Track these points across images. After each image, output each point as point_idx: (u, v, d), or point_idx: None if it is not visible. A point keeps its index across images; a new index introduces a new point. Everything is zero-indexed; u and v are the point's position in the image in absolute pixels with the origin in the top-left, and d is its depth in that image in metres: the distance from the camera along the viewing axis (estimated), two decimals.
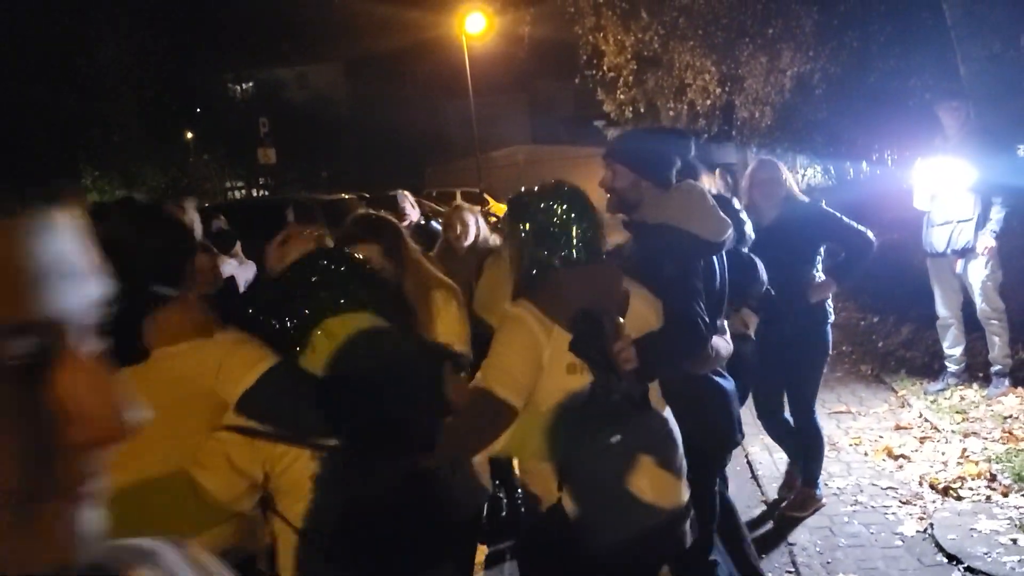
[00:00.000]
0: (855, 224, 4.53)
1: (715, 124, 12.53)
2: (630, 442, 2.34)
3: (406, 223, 4.73)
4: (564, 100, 42.43)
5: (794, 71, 10.84)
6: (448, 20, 24.22)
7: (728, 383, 3.14)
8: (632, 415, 2.35)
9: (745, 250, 3.64)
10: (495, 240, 4.66)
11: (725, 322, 3.19)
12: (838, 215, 4.52)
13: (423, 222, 6.01)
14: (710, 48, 11.20)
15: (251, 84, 34.47)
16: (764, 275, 3.66)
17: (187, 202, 4.97)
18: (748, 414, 6.36)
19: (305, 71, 38.64)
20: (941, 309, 6.24)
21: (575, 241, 2.32)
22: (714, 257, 2.99)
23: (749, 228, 3.72)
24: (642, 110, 13.26)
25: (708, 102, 11.60)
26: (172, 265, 2.01)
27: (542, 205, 2.38)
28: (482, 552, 4.31)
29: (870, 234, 4.51)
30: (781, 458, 5.47)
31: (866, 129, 12.07)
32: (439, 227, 5.16)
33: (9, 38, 13.70)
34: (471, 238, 4.64)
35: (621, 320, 2.30)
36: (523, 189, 2.50)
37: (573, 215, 2.35)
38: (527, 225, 2.38)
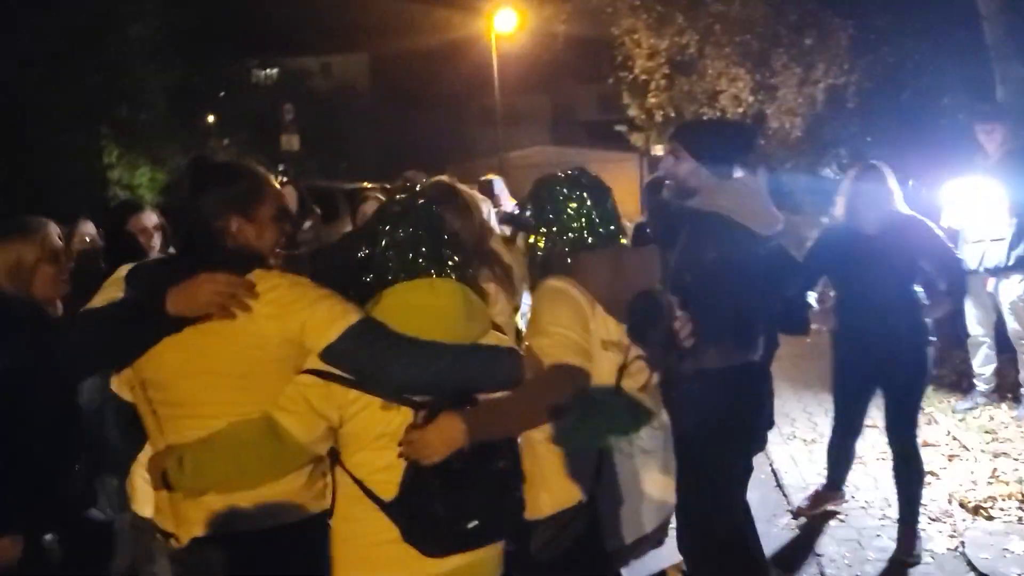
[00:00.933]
0: (950, 246, 4.28)
1: None
2: (647, 439, 2.42)
3: (497, 209, 4.64)
4: (586, 104, 42.40)
5: (827, 83, 10.76)
6: (475, 18, 24.22)
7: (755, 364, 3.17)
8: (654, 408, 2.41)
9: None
10: (503, 230, 4.77)
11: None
12: (938, 234, 4.20)
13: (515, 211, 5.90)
14: (744, 56, 11.14)
15: (275, 71, 34.46)
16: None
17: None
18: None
19: (330, 61, 38.64)
20: (973, 327, 6.19)
21: (603, 222, 2.40)
22: (761, 252, 3.01)
23: None
24: (672, 114, 13.16)
25: (740, 110, 11.53)
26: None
27: (569, 189, 2.45)
28: None
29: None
30: (808, 468, 5.43)
31: (895, 146, 11.98)
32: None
33: (43, 13, 13.76)
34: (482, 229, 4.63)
35: (679, 299, 2.35)
36: (548, 175, 2.56)
37: (599, 198, 2.43)
38: (548, 207, 2.45)
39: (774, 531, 4.64)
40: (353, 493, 2.06)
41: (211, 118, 26.85)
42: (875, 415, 6.43)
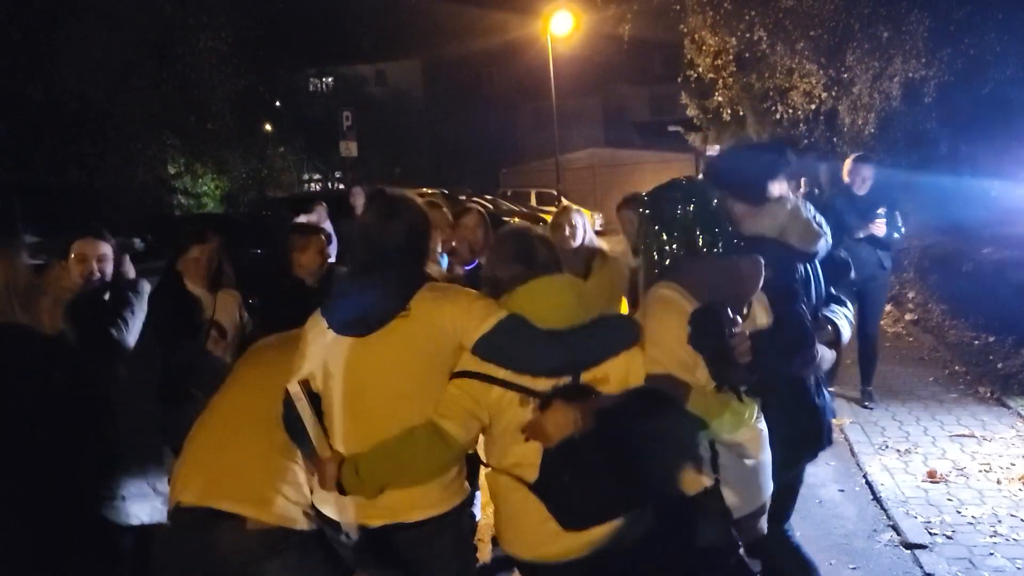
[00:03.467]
0: None
1: (817, 129, 12.12)
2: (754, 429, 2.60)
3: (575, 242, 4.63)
4: (638, 105, 42.15)
5: (903, 78, 10.38)
6: (529, 21, 24.15)
7: (823, 400, 3.13)
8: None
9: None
10: (601, 243, 4.79)
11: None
12: None
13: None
14: (816, 51, 10.81)
15: (331, 79, 34.89)
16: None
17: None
18: (860, 432, 6.10)
19: (384, 68, 39.01)
20: None
21: (710, 230, 2.53)
22: (809, 267, 3.07)
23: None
24: (740, 112, 12.87)
25: (811, 107, 11.19)
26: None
27: (676, 196, 2.58)
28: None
29: None
30: (904, 480, 5.17)
31: (973, 141, 11.55)
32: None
33: (116, 24, 14.08)
34: (579, 239, 4.61)
35: (737, 316, 2.45)
36: (663, 184, 2.70)
37: (706, 206, 2.57)
38: (664, 215, 2.58)
39: (876, 548, 4.40)
40: (506, 481, 2.37)
41: (268, 126, 27.23)
42: (970, 423, 6.18)
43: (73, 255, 3.42)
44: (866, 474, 5.32)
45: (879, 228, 6.04)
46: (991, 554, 4.17)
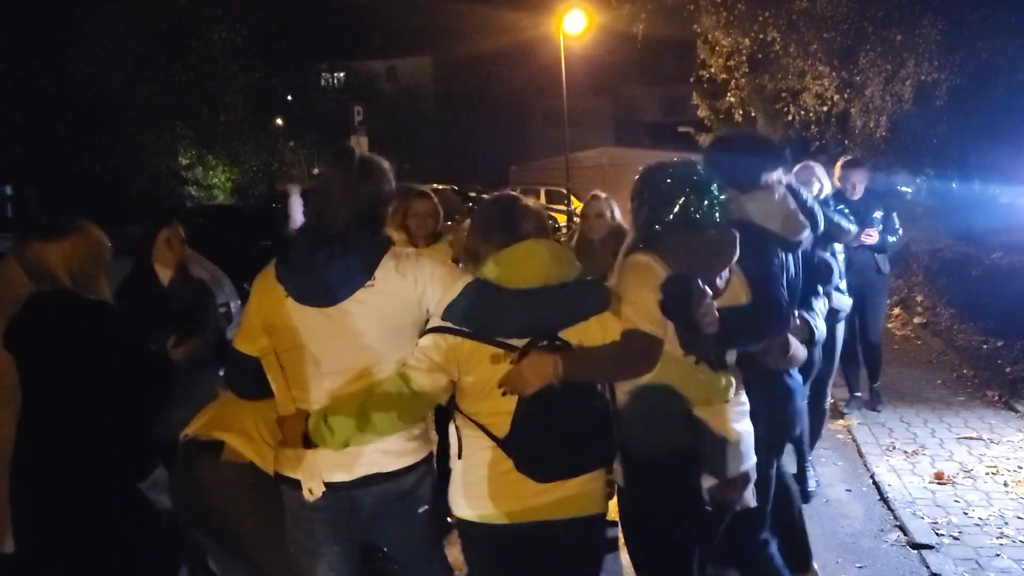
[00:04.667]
0: None
1: (828, 132, 12.10)
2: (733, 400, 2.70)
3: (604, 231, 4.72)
4: (648, 105, 42.08)
5: (916, 81, 10.36)
6: (541, 20, 24.13)
7: (795, 380, 3.29)
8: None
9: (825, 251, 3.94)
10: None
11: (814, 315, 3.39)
12: None
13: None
14: (829, 53, 10.79)
15: (342, 74, 34.92)
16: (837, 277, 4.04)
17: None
18: (868, 433, 6.11)
19: (395, 65, 39.01)
20: None
21: (694, 206, 2.57)
22: (789, 257, 3.19)
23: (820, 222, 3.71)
24: (752, 114, 12.85)
25: (824, 108, 11.17)
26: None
27: (667, 173, 2.64)
28: None
29: None
30: (911, 481, 5.19)
31: (983, 145, 11.51)
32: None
33: (131, 15, 14.14)
34: (607, 228, 4.62)
35: (707, 288, 2.52)
36: (656, 163, 2.76)
37: (693, 184, 2.60)
38: (652, 189, 2.64)
39: (883, 548, 4.42)
40: (474, 435, 2.42)
41: (279, 121, 27.27)
42: (978, 425, 6.18)
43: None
44: (873, 475, 5.33)
45: (871, 237, 5.89)
46: (997, 555, 4.19)
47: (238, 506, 2.71)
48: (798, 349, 3.19)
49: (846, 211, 5.54)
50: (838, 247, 4.97)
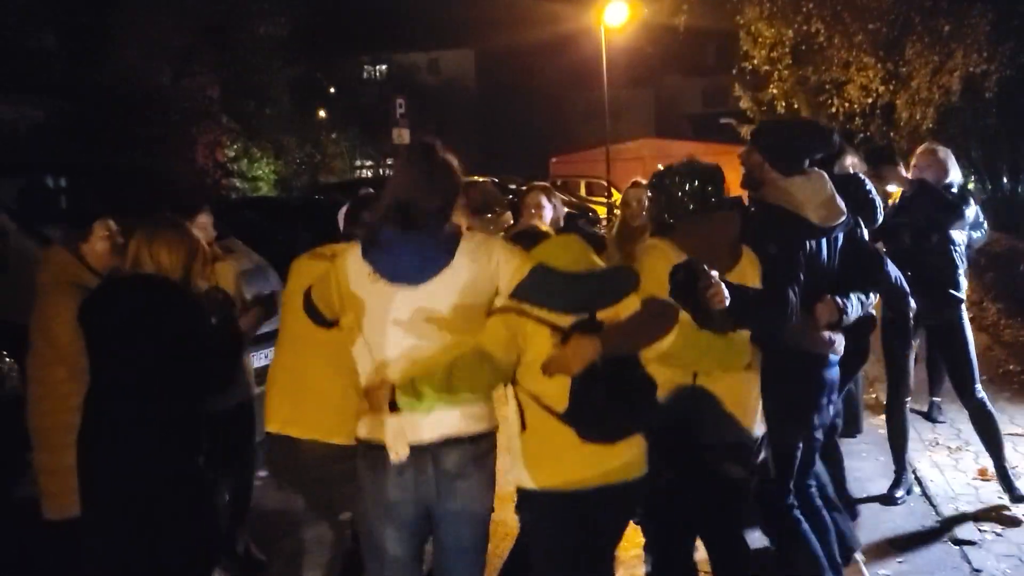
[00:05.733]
0: None
1: (873, 124, 11.93)
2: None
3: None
4: (690, 96, 41.74)
5: (964, 72, 10.17)
6: (582, 11, 24.03)
7: (830, 371, 3.40)
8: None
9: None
10: None
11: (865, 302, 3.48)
12: None
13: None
14: (874, 44, 10.63)
15: (385, 67, 35.17)
16: (891, 268, 4.05)
17: None
18: (912, 429, 6.04)
19: (437, 57, 39.17)
20: None
21: (694, 197, 2.96)
22: (823, 244, 3.32)
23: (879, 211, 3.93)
24: (794, 105, 12.71)
25: (868, 100, 11.02)
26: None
27: (674, 170, 3.03)
28: None
29: None
30: (954, 477, 5.15)
31: None
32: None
33: (179, 11, 14.42)
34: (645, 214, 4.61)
35: (713, 271, 2.75)
36: (668, 166, 3.11)
37: (697, 179, 2.97)
38: (663, 184, 3.03)
39: (924, 543, 4.40)
40: (537, 411, 2.67)
41: (323, 113, 27.54)
42: (1022, 422, 6.09)
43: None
44: (915, 470, 5.30)
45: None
46: None
47: (332, 476, 3.04)
48: (836, 335, 3.31)
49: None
50: (958, 237, 4.76)
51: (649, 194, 3.20)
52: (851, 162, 4.29)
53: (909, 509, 4.82)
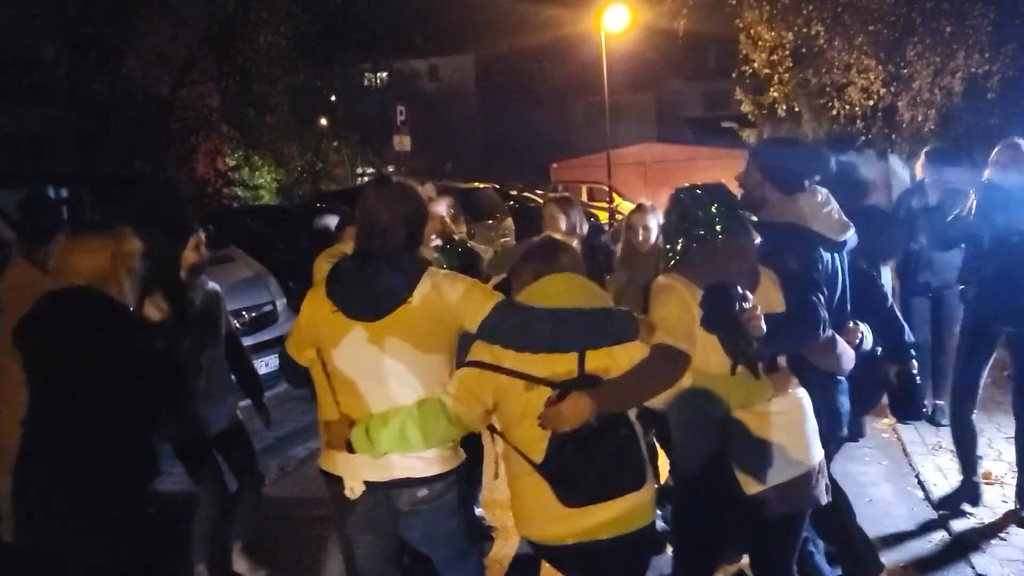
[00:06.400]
0: None
1: (874, 127, 11.89)
2: (777, 403, 2.76)
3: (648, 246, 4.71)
4: (691, 101, 41.70)
5: (966, 73, 10.13)
6: (582, 16, 24.04)
7: (840, 382, 3.30)
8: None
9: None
10: None
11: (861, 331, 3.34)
12: None
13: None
14: (875, 46, 10.60)
15: (385, 74, 35.23)
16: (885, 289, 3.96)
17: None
18: (914, 432, 6.01)
19: (437, 63, 39.23)
20: None
21: (709, 224, 2.77)
22: (837, 261, 3.24)
23: None
24: (795, 108, 12.68)
25: (870, 103, 10.98)
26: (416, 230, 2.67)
27: (685, 197, 2.86)
28: None
29: None
30: (957, 481, 5.09)
31: None
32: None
33: (180, 20, 14.45)
34: (653, 239, 4.45)
35: (748, 292, 2.62)
36: (682, 187, 2.94)
37: (710, 204, 2.80)
38: (675, 213, 2.86)
39: (928, 547, 4.37)
40: (516, 459, 2.58)
41: (324, 121, 27.57)
42: None
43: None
44: (918, 474, 5.26)
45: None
46: None
47: None
48: (845, 351, 3.19)
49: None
50: None
51: (662, 219, 3.07)
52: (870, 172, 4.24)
53: (912, 513, 4.79)
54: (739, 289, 2.58)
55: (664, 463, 4.20)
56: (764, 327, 2.59)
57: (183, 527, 3.93)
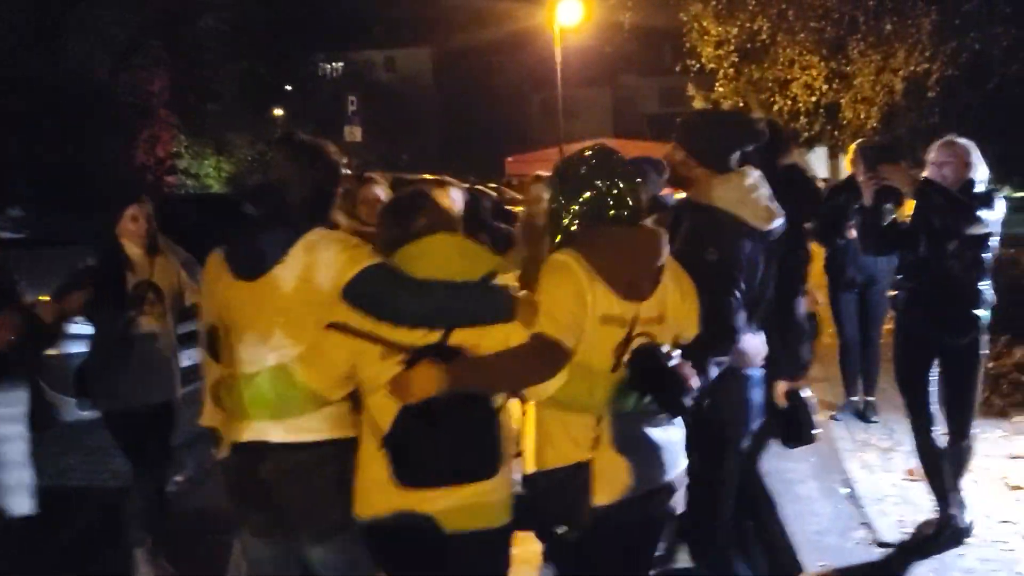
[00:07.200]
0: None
1: (818, 123, 11.97)
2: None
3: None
4: (648, 96, 41.91)
5: (907, 72, 10.24)
6: (539, 10, 23.96)
7: (754, 370, 3.09)
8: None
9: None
10: None
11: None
12: None
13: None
14: (819, 43, 10.66)
15: (341, 64, 34.84)
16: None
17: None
18: (843, 429, 6.02)
19: (394, 55, 38.91)
20: None
21: (604, 198, 2.42)
22: (758, 248, 2.93)
23: None
24: (740, 104, 12.71)
25: (813, 99, 11.03)
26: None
27: (580, 165, 2.47)
28: None
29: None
30: (882, 478, 5.10)
31: (976, 138, 11.38)
32: None
33: (120, 3, 14.04)
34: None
35: (670, 349, 2.42)
36: (574, 154, 2.58)
37: (607, 176, 2.43)
38: (562, 180, 2.50)
39: (847, 547, 4.33)
40: (367, 432, 2.40)
41: (278, 111, 27.19)
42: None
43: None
44: (845, 471, 5.25)
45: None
46: (962, 555, 4.09)
47: None
48: (750, 344, 3.02)
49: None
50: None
51: (552, 189, 2.61)
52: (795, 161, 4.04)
53: (836, 511, 4.76)
54: (659, 348, 2.39)
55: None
56: (695, 382, 2.41)
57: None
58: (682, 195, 3.28)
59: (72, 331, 4.33)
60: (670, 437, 2.54)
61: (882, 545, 4.29)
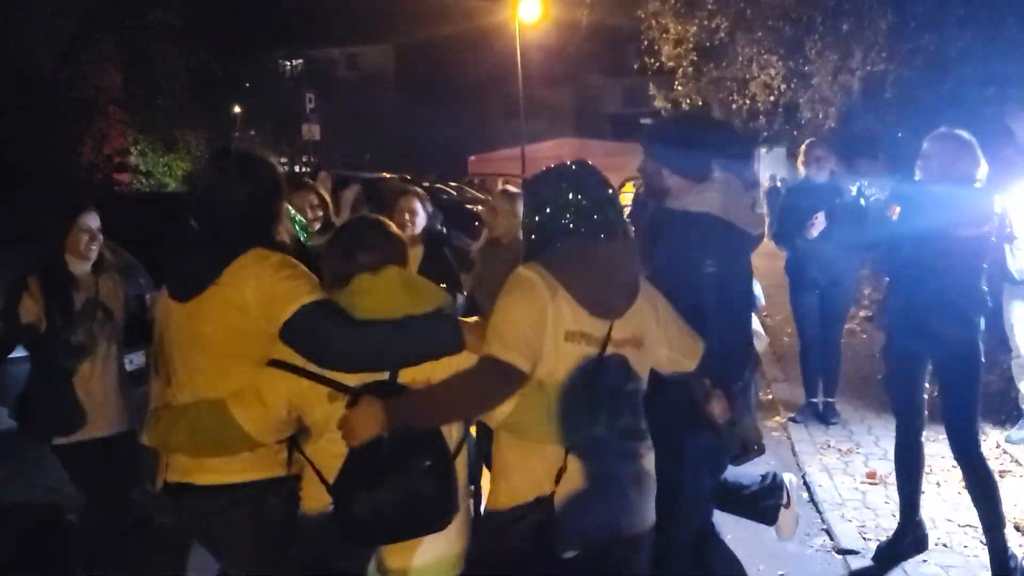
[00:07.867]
0: None
1: (776, 122, 11.98)
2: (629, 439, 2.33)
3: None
4: (611, 96, 42.03)
5: (864, 72, 10.24)
6: (501, 8, 23.84)
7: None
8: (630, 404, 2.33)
9: None
10: None
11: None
12: None
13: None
14: (777, 42, 10.65)
15: (300, 62, 34.37)
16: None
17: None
18: (803, 431, 5.95)
19: (355, 52, 38.50)
20: (1021, 346, 5.57)
21: (577, 214, 2.31)
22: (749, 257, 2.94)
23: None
24: (700, 104, 12.69)
25: (771, 99, 11.02)
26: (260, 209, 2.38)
27: (549, 180, 2.40)
28: None
29: None
30: (842, 481, 5.03)
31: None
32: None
33: None
34: (517, 229, 4.22)
35: (707, 383, 2.41)
36: (544, 169, 2.51)
37: (577, 190, 2.33)
38: (535, 197, 2.41)
39: (807, 552, 4.25)
40: (312, 477, 2.25)
41: (237, 108, 26.74)
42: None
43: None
44: (805, 474, 5.17)
45: (816, 227, 5.58)
46: (924, 561, 4.02)
47: None
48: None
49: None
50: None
51: (521, 207, 2.59)
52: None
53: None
54: (702, 382, 2.38)
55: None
56: (727, 405, 2.40)
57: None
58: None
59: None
60: (642, 486, 2.35)
61: (842, 552, 4.20)
